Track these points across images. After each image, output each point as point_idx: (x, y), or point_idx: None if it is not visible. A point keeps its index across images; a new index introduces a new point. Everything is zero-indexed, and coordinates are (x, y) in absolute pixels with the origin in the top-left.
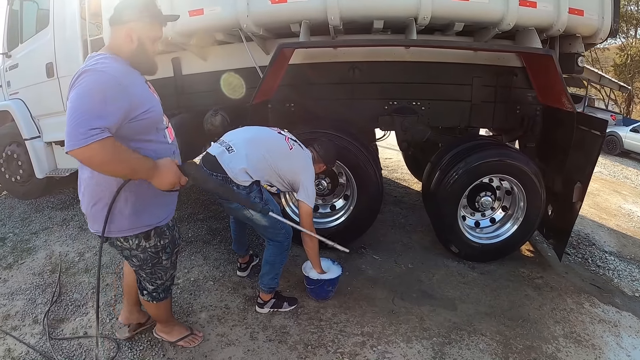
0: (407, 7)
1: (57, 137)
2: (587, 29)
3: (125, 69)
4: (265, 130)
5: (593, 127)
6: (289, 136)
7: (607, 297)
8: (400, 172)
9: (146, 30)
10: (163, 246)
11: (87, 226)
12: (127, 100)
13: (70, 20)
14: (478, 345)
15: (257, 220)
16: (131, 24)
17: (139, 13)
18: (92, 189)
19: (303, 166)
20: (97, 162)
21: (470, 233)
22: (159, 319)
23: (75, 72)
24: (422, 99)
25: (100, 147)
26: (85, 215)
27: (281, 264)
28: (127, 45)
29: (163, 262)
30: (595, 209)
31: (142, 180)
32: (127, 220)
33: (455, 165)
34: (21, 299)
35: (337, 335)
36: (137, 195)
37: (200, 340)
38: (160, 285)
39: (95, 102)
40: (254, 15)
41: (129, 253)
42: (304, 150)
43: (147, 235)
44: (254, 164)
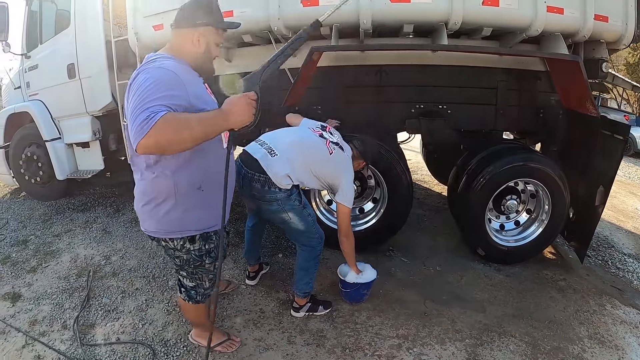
0: (439, 12)
1: (78, 138)
2: (611, 35)
3: (185, 69)
4: (307, 133)
5: (616, 131)
6: (330, 139)
7: (628, 299)
8: (420, 174)
9: (213, 36)
10: (208, 250)
11: (111, 229)
12: (184, 91)
13: (92, 21)
14: (508, 347)
15: (293, 224)
16: (201, 29)
17: (208, 19)
18: (143, 190)
19: (343, 170)
20: (165, 143)
21: (496, 236)
22: (196, 322)
23: (133, 75)
24: (448, 102)
25: (161, 126)
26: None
27: (315, 268)
28: (194, 49)
29: (206, 265)
30: (612, 211)
31: (190, 186)
32: (175, 223)
33: (483, 169)
34: (47, 303)
35: (373, 338)
36: (188, 201)
37: (237, 346)
38: (199, 287)
39: (149, 91)
40: (285, 18)
41: (173, 253)
42: (344, 152)
43: (192, 239)
44: (296, 169)
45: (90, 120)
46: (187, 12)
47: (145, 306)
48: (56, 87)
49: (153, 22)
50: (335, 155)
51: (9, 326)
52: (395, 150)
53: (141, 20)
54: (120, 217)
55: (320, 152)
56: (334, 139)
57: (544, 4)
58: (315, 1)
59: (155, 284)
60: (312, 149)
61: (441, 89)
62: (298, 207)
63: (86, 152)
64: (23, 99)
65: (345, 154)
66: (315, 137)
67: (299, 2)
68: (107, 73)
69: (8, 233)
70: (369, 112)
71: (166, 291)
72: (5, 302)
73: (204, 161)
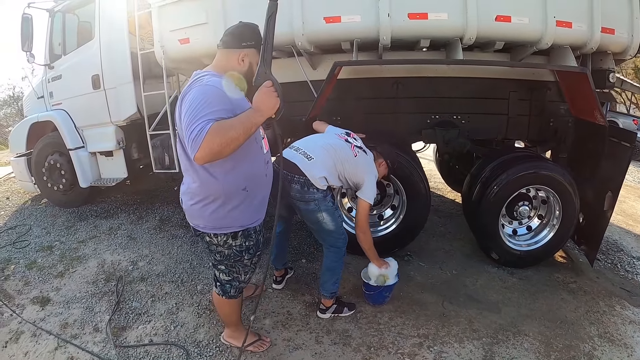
0: (455, 28)
1: (102, 147)
2: (617, 47)
3: (227, 83)
4: (334, 138)
5: (623, 138)
6: (354, 143)
7: (637, 300)
8: (434, 181)
9: (255, 57)
10: (247, 247)
11: (135, 235)
12: (229, 103)
13: (118, 34)
14: (523, 345)
15: (325, 224)
16: (245, 50)
17: (253, 41)
18: (194, 191)
19: (366, 170)
20: (218, 148)
21: (509, 241)
22: (229, 320)
23: (181, 95)
24: (462, 112)
25: (211, 135)
26: (184, 210)
27: (340, 269)
28: (238, 67)
29: (245, 260)
30: (622, 215)
31: (236, 186)
32: (220, 220)
33: (497, 177)
34: (78, 307)
35: (396, 337)
36: (233, 201)
37: (268, 346)
38: (235, 280)
39: (199, 108)
40: (309, 34)
41: (215, 248)
42: (367, 155)
43: (235, 235)
44: (329, 171)
45: (115, 130)
46: (235, 34)
47: (175, 309)
48: (80, 97)
49: (179, 36)
50: (359, 158)
51: (39, 329)
52: (413, 159)
53: (168, 34)
54: (144, 224)
55: (346, 154)
56: (358, 144)
57: (554, 19)
58: (337, 18)
59: (184, 288)
60: (340, 152)
61: (455, 100)
62: (331, 208)
63: (109, 161)
64: (46, 108)
65: (368, 156)
66: (341, 142)
67: (321, 19)
68: (132, 84)
69: (32, 239)
70: (386, 122)
71: (195, 295)
72: (34, 306)
73: (248, 165)
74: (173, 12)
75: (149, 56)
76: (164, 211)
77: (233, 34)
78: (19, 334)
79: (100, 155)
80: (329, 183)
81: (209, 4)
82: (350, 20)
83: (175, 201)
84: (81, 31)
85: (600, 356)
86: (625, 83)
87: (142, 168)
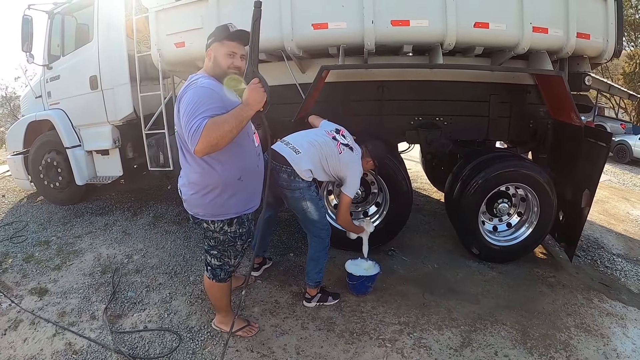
0: (435, 34)
1: (98, 146)
2: (593, 51)
3: (218, 84)
4: (322, 135)
5: (599, 139)
6: (341, 141)
7: (615, 294)
8: (420, 182)
9: (220, 48)
10: (240, 234)
11: (130, 230)
12: (220, 100)
13: (115, 37)
14: (500, 333)
15: (309, 213)
16: (210, 47)
17: (212, 36)
18: (194, 181)
19: (349, 166)
20: (215, 141)
21: (489, 236)
22: (218, 304)
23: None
24: (444, 114)
25: (207, 130)
26: (184, 200)
27: (324, 259)
28: (209, 63)
29: (237, 246)
30: (604, 215)
31: (232, 177)
32: (218, 208)
33: (476, 175)
34: (75, 297)
35: (377, 324)
36: (229, 190)
37: (256, 331)
38: (225, 264)
39: (195, 107)
40: (298, 39)
41: (211, 234)
42: (353, 152)
43: (230, 222)
44: (315, 165)
45: (111, 129)
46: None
47: (169, 298)
48: (78, 97)
49: (175, 40)
50: (343, 155)
51: (37, 317)
52: (396, 159)
53: (164, 37)
54: (138, 220)
55: (331, 151)
56: (345, 141)
57: (530, 25)
58: (325, 25)
59: (177, 279)
60: (325, 149)
61: (438, 102)
62: (315, 197)
63: (105, 159)
64: (44, 107)
65: (355, 153)
66: (328, 139)
67: (310, 25)
68: (129, 85)
69: (29, 234)
70: (372, 123)
71: (188, 285)
72: (32, 297)
73: (243, 157)
74: (169, 17)
75: (145, 58)
76: (158, 208)
77: (207, 39)
78: (18, 322)
79: (96, 154)
80: (314, 175)
81: (204, 9)
82: (337, 26)
83: (168, 199)
84: (79, 33)
85: (576, 345)
86: (613, 88)
87: (136, 167)
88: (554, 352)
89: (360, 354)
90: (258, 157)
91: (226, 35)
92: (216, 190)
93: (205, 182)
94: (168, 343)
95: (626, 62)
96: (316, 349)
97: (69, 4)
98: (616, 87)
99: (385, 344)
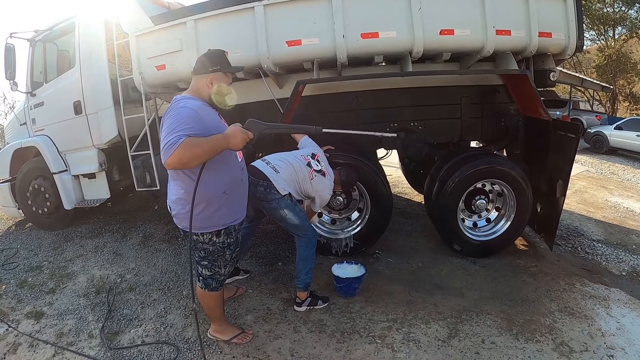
0: (403, 44)
1: (84, 169)
2: (556, 48)
3: (202, 105)
4: (298, 160)
5: (568, 130)
6: (314, 168)
7: (597, 278)
8: (401, 187)
9: (223, 78)
10: (229, 244)
11: (121, 251)
12: (201, 124)
13: (98, 62)
14: (486, 322)
15: (289, 219)
16: (212, 74)
17: (218, 65)
18: (184, 198)
19: (319, 191)
20: (186, 160)
21: (469, 232)
22: (213, 314)
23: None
24: (418, 119)
25: (182, 148)
26: (173, 215)
27: (312, 258)
28: (207, 89)
29: (226, 256)
30: (583, 204)
31: (217, 191)
32: (206, 221)
33: (451, 175)
34: (71, 318)
35: (367, 323)
36: (216, 204)
37: (251, 337)
38: (216, 274)
39: (176, 124)
40: (274, 56)
41: (201, 246)
42: (325, 177)
43: (218, 233)
44: (291, 185)
45: (97, 153)
46: (204, 61)
47: (164, 313)
48: (63, 123)
49: (156, 63)
50: (314, 181)
51: (36, 340)
52: (375, 165)
53: (145, 61)
54: (128, 241)
55: (304, 176)
56: (319, 167)
57: (493, 29)
58: (298, 41)
59: (170, 294)
60: (299, 173)
61: (412, 108)
62: (291, 204)
63: (92, 183)
64: (29, 134)
65: (326, 179)
66: (303, 164)
67: (284, 42)
68: (112, 109)
69: (20, 261)
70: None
71: (182, 299)
72: (29, 320)
73: (227, 172)
74: (150, 41)
75: (127, 82)
76: (147, 228)
77: (202, 61)
78: (17, 346)
79: (83, 178)
80: (288, 191)
81: (182, 32)
82: (310, 42)
83: (156, 219)
84: (61, 60)
85: (561, 328)
86: (585, 81)
87: (122, 190)
88: (539, 336)
89: (352, 351)
90: (242, 171)
91: (232, 68)
92: (202, 204)
93: (189, 199)
94: (166, 355)
95: (597, 55)
96: (309, 350)
97: (50, 31)
98: (589, 80)
99: (375, 341)
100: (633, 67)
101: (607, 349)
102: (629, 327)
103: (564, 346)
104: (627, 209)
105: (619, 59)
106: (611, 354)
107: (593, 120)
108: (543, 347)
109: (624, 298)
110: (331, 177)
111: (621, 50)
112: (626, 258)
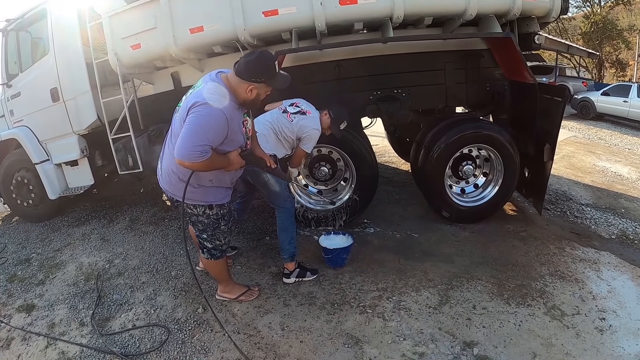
0: (383, 9)
1: (67, 157)
2: (540, 10)
3: (233, 109)
4: (275, 113)
5: (554, 94)
6: (291, 111)
7: (586, 241)
8: (388, 156)
9: (264, 89)
10: (222, 215)
11: (108, 237)
12: (225, 133)
13: (72, 46)
14: (476, 288)
15: (271, 185)
16: (254, 84)
17: (263, 77)
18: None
19: (303, 127)
20: (203, 169)
21: (458, 199)
22: (219, 277)
23: (192, 98)
24: (402, 86)
25: (202, 163)
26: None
27: (293, 228)
28: (245, 95)
29: (222, 227)
30: (570, 169)
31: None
32: (198, 194)
33: (437, 141)
34: (62, 308)
35: (357, 293)
36: (205, 183)
37: (257, 294)
38: (219, 246)
39: (206, 130)
40: (250, 28)
41: (196, 219)
42: (307, 116)
43: (211, 206)
44: (272, 143)
45: (77, 139)
46: (249, 68)
47: (153, 295)
48: (41, 112)
49: (131, 42)
50: (295, 121)
51: (28, 332)
52: (359, 134)
53: (120, 41)
54: (115, 226)
55: (282, 122)
56: (295, 110)
57: None
58: (275, 11)
59: (159, 276)
60: (277, 123)
61: (395, 75)
62: None
63: (75, 170)
64: (7, 126)
65: (309, 116)
66: (279, 113)
67: (260, 13)
68: (90, 93)
69: (9, 255)
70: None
71: (170, 280)
72: (20, 314)
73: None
74: (123, 20)
75: (104, 65)
76: (133, 212)
77: (247, 66)
78: (10, 341)
79: (65, 166)
80: (272, 152)
81: (156, 9)
82: (287, 12)
83: (142, 202)
84: (35, 47)
85: (552, 292)
86: (571, 48)
87: (107, 176)
88: (530, 300)
89: (343, 322)
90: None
91: (277, 84)
92: (194, 184)
93: (184, 173)
94: (157, 337)
95: (583, 23)
96: (300, 323)
97: (22, 19)
98: (575, 46)
99: (366, 310)
100: (619, 34)
101: (598, 312)
102: (620, 289)
103: (555, 310)
104: (615, 173)
105: (605, 26)
106: (603, 317)
107: (580, 87)
108: (535, 311)
109: (614, 261)
110: (315, 114)
111: (607, 17)
112: (615, 221)
